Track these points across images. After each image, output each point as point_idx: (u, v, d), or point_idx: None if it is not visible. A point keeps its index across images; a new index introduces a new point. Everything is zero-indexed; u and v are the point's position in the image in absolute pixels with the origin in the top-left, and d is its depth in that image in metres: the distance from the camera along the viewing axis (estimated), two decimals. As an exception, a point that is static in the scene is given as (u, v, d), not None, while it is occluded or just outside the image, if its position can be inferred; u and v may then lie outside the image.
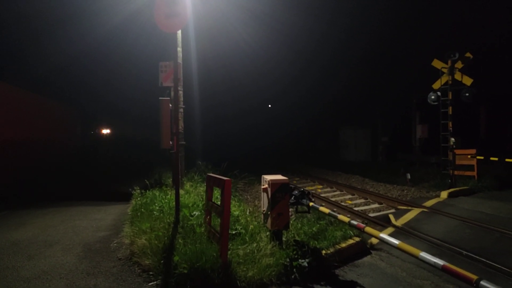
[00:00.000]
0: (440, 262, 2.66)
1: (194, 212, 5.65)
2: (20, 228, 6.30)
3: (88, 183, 12.42)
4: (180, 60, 7.88)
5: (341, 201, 10.15)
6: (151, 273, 4.09)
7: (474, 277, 2.39)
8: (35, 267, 4.41)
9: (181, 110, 8.12)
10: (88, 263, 4.56)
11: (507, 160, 10.52)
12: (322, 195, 11.14)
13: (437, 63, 11.46)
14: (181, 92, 7.94)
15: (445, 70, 11.20)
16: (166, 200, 6.59)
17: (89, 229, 6.19)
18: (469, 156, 11.19)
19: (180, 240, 4.46)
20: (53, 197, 9.42)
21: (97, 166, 17.45)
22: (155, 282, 3.92)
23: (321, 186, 13.04)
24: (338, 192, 11.79)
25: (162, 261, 4.09)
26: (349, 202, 10.12)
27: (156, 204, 6.47)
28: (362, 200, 10.32)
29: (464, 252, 5.41)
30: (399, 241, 3.12)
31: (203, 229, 4.88)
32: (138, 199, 7.24)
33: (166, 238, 4.63)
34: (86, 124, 22.28)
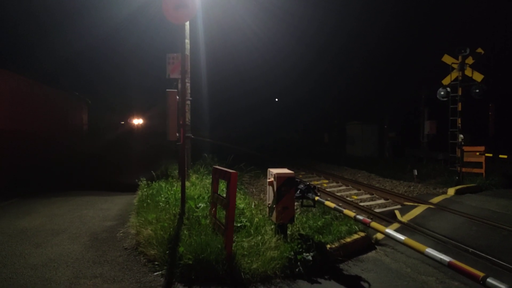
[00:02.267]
0: (446, 258, 2.64)
1: (200, 204, 5.67)
2: (28, 216, 6.39)
3: (95, 173, 12.52)
4: (187, 52, 7.86)
5: (347, 196, 10.12)
6: (156, 263, 4.12)
7: (480, 274, 2.36)
8: (42, 255, 4.47)
9: (188, 102, 8.12)
10: (94, 252, 4.61)
11: (516, 158, 10.40)
12: (328, 189, 11.10)
13: (447, 59, 11.30)
14: (188, 84, 7.92)
15: (455, 66, 11.04)
16: (172, 192, 6.62)
17: (96, 219, 6.26)
18: (477, 153, 11.06)
19: (185, 232, 4.49)
20: (61, 187, 9.53)
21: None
22: (160, 272, 3.95)
23: (326, 181, 13.00)
24: (344, 187, 11.75)
25: (167, 252, 4.12)
26: (355, 197, 10.08)
27: (162, 195, 6.51)
28: (368, 196, 10.27)
29: (471, 249, 5.36)
30: (405, 237, 3.09)
31: (208, 221, 4.90)
32: (145, 190, 7.29)
33: (171, 229, 4.66)
34: (97, 114, 22.43)
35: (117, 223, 6.00)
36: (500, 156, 10.70)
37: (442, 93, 11.43)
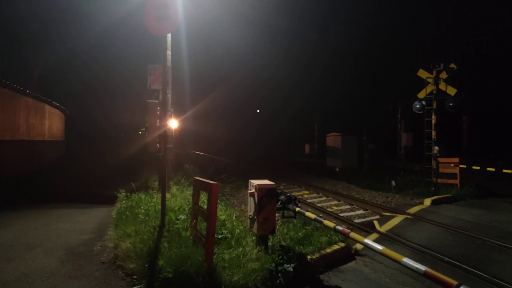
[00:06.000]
0: (422, 267, 2.72)
1: (180, 216, 5.62)
2: (1, 230, 6.16)
3: (71, 185, 12.20)
4: (169, 63, 7.86)
5: (327, 207, 10.22)
6: (135, 277, 4.04)
7: (454, 282, 2.44)
8: (16, 270, 4.31)
9: (169, 113, 8.08)
10: (70, 266, 4.49)
11: (488, 169, 10.77)
12: (309, 200, 11.19)
13: (422, 73, 11.70)
14: (169, 95, 7.91)
15: (430, 80, 11.43)
16: (152, 204, 6.54)
17: (72, 232, 6.09)
18: (452, 165, 11.42)
19: (165, 244, 4.43)
20: (36, 199, 9.23)
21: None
22: (138, 286, 3.87)
23: (307, 192, 13.10)
24: (324, 198, 11.86)
25: (146, 265, 4.05)
26: (335, 208, 10.20)
27: (142, 207, 6.41)
28: (348, 206, 10.41)
29: (446, 258, 5.51)
30: (383, 247, 3.17)
31: (189, 233, 4.86)
32: (123, 202, 7.17)
33: (151, 242, 4.59)
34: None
35: (95, 236, 5.86)
36: (474, 167, 11.06)
37: (417, 106, 11.81)
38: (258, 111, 42.45)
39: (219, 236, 4.85)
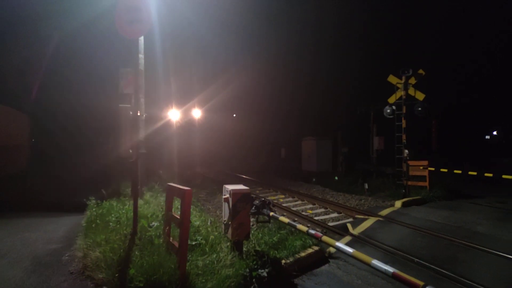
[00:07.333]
0: (390, 269, 2.78)
1: (153, 223, 5.51)
2: (-39, 241, 5.83)
3: (39, 193, 11.72)
4: (142, 67, 7.73)
5: (302, 211, 10.31)
6: (104, 287, 3.93)
7: (420, 283, 2.52)
8: (-24, 284, 4.09)
9: (143, 118, 7.95)
10: (36, 277, 4.30)
11: (455, 171, 11.19)
12: (284, 204, 11.25)
13: (392, 79, 12.07)
14: (142, 100, 7.77)
15: (400, 85, 11.81)
16: (123, 211, 6.37)
17: (39, 242, 5.85)
18: (421, 167, 11.79)
19: (137, 252, 4.33)
20: (1, 208, 8.81)
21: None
22: (108, 296, 3.77)
23: (283, 196, 13.18)
24: (299, 202, 11.96)
25: (116, 275, 3.94)
26: (310, 211, 10.30)
27: (113, 214, 6.24)
28: (322, 210, 10.54)
29: (416, 259, 5.67)
30: (353, 250, 3.22)
31: (161, 240, 4.77)
32: (94, 209, 6.94)
33: (122, 250, 4.46)
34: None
35: (63, 245, 5.65)
36: (441, 170, 11.45)
37: (388, 111, 12.16)
38: (234, 115, 42.38)
39: (193, 243, 4.79)
